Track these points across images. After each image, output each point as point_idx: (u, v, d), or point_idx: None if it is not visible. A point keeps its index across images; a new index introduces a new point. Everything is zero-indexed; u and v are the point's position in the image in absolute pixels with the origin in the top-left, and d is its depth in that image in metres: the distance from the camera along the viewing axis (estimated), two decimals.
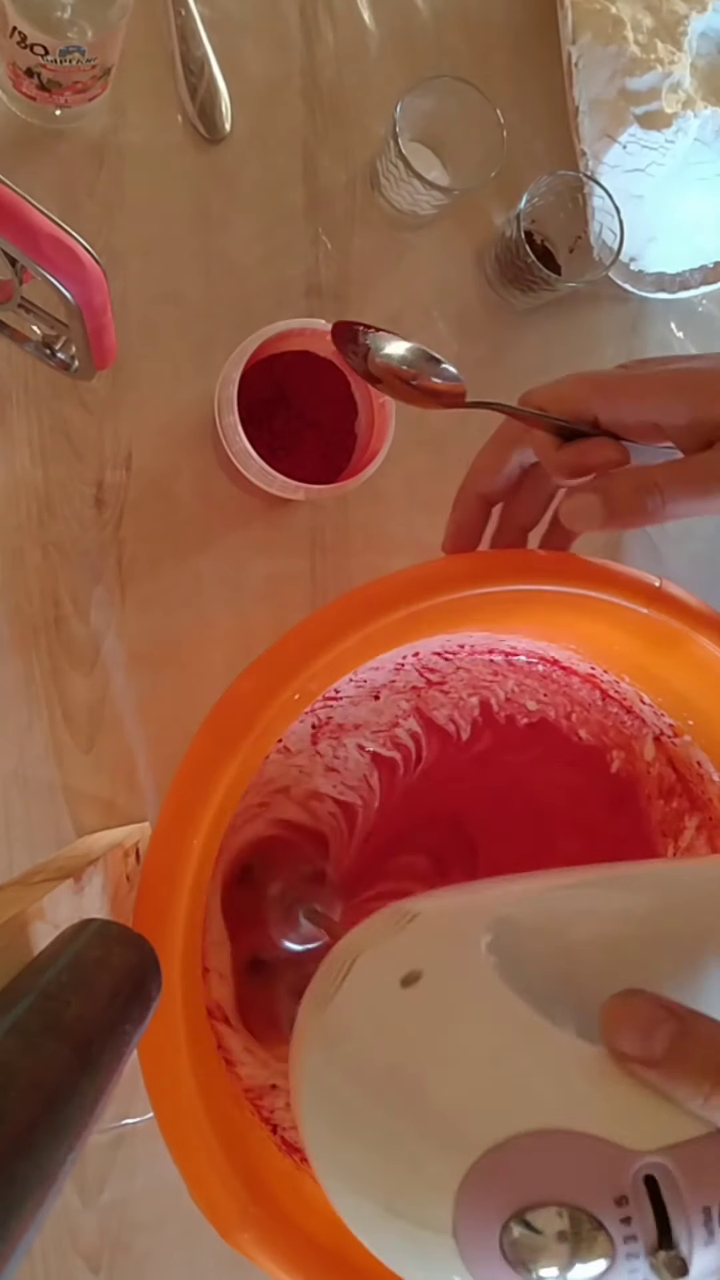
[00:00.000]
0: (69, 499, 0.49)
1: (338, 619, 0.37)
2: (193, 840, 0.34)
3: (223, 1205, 0.34)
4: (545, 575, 0.40)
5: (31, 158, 0.49)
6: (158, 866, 0.34)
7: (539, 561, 0.41)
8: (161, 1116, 0.34)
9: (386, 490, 0.53)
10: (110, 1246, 0.49)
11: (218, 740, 0.35)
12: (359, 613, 0.37)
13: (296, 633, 0.37)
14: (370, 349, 0.38)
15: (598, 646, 0.44)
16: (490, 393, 0.55)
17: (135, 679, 0.49)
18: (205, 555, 0.51)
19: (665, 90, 0.53)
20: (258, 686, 0.36)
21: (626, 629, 0.41)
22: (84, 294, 0.34)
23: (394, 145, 0.49)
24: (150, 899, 0.34)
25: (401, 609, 0.37)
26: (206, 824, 0.34)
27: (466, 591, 0.38)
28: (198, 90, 0.52)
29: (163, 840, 0.35)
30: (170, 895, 0.34)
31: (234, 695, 0.36)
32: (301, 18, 0.55)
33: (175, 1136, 0.34)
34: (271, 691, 0.35)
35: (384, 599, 0.37)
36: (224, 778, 0.35)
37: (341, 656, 0.36)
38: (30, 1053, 0.23)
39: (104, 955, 0.28)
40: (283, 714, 0.36)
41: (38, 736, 0.48)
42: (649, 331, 0.60)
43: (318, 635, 0.36)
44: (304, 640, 0.36)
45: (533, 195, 0.52)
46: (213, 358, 0.50)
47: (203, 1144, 0.34)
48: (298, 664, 0.36)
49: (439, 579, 0.38)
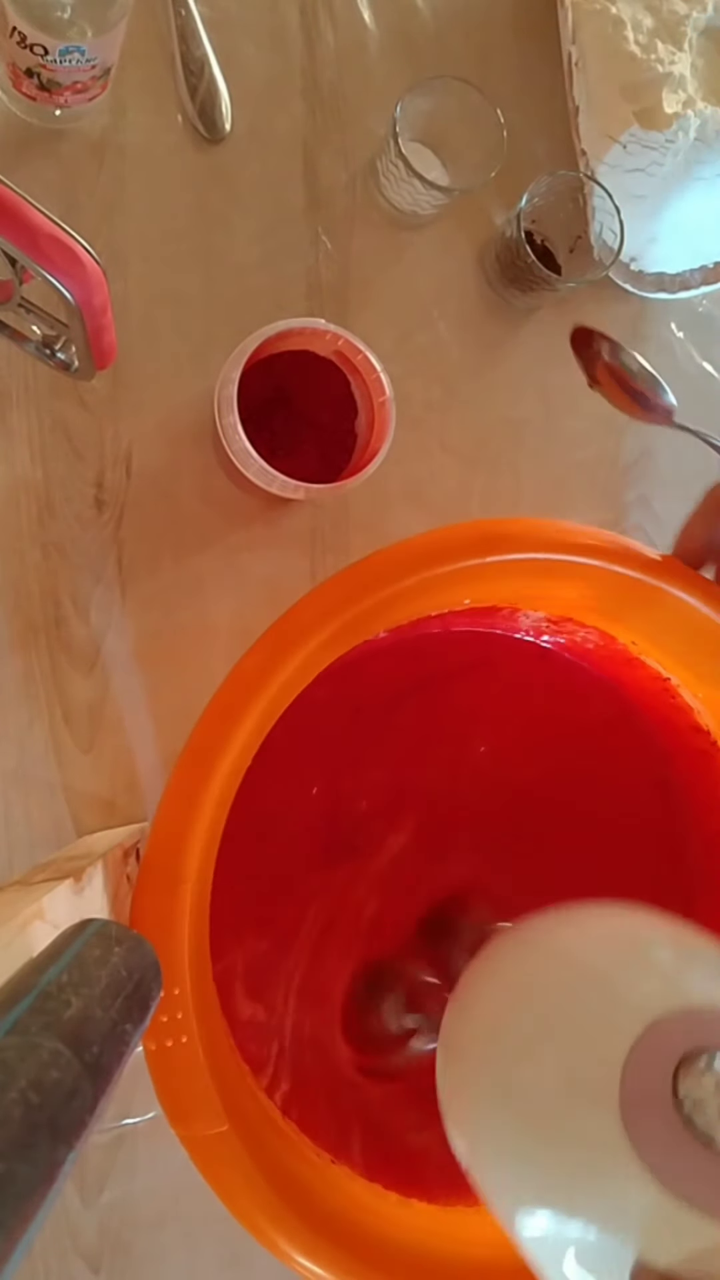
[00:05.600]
0: (69, 499, 0.49)
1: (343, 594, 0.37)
2: (195, 828, 0.34)
3: (252, 1210, 0.34)
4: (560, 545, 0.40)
5: (31, 158, 0.49)
6: (157, 858, 0.34)
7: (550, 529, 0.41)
8: (175, 1121, 0.34)
9: (386, 490, 0.53)
10: (110, 1246, 0.49)
11: (223, 717, 0.35)
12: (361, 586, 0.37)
13: (299, 608, 0.37)
14: (602, 356, 0.40)
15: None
16: (490, 394, 0.55)
17: (135, 679, 0.49)
18: (205, 555, 0.51)
19: (665, 90, 0.53)
20: (261, 664, 0.36)
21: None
22: (84, 294, 0.34)
23: (394, 145, 0.49)
24: (155, 868, 0.34)
25: (415, 574, 0.37)
26: (208, 812, 0.34)
27: (480, 559, 0.38)
28: (198, 90, 0.52)
29: (162, 832, 0.34)
30: (177, 864, 0.33)
31: (238, 674, 0.36)
32: (301, 18, 0.55)
33: (198, 1149, 0.34)
34: (274, 668, 0.35)
35: (399, 563, 0.37)
36: (223, 764, 0.34)
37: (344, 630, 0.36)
38: (30, 1053, 0.23)
39: (104, 955, 0.28)
40: (286, 690, 0.36)
41: (38, 736, 0.48)
42: (649, 332, 0.60)
43: (322, 611, 0.36)
44: (314, 610, 0.36)
45: (533, 195, 0.52)
46: (212, 358, 0.50)
47: (234, 1159, 0.34)
48: (303, 637, 0.36)
49: (454, 543, 0.38)
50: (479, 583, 0.40)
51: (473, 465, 0.56)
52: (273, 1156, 0.36)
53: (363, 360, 0.47)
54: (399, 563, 0.37)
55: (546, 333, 0.57)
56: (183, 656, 0.50)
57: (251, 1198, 0.34)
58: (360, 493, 0.48)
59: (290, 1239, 0.34)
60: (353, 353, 0.47)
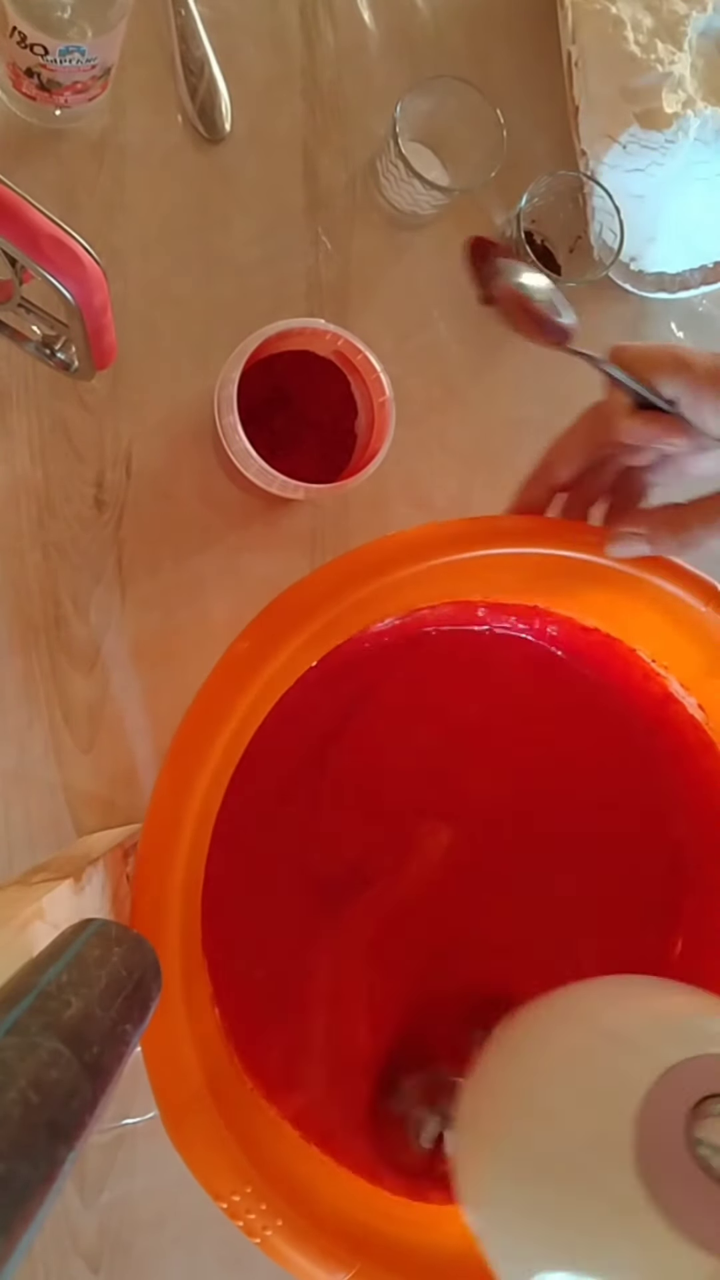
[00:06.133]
0: (69, 499, 0.49)
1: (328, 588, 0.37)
2: (185, 821, 0.34)
3: (241, 1204, 0.34)
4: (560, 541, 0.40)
5: (31, 158, 0.49)
6: (153, 850, 0.34)
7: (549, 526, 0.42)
8: (167, 1116, 0.34)
9: (386, 490, 0.53)
10: (110, 1246, 0.49)
11: (214, 701, 0.35)
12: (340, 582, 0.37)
13: (286, 597, 0.37)
14: (498, 269, 0.39)
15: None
16: (490, 394, 0.55)
17: (135, 679, 0.49)
18: (205, 555, 0.51)
19: (665, 90, 0.53)
20: (252, 649, 0.36)
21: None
22: (84, 294, 0.34)
23: (394, 145, 0.49)
24: (149, 860, 0.34)
25: (404, 567, 0.37)
26: (199, 800, 0.34)
27: (467, 554, 0.38)
28: (198, 90, 0.52)
29: (156, 823, 0.35)
30: (169, 853, 0.34)
31: (230, 658, 0.36)
32: (301, 18, 0.55)
33: (183, 1138, 0.34)
34: (265, 655, 0.36)
35: (385, 559, 0.37)
36: (218, 743, 0.35)
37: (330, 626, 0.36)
38: (30, 1053, 0.23)
39: (104, 955, 0.28)
40: (280, 676, 0.36)
41: (38, 736, 0.48)
42: (649, 332, 0.60)
43: (306, 606, 0.37)
44: (301, 600, 0.37)
45: (533, 195, 0.52)
46: (212, 358, 0.50)
47: (221, 1147, 0.34)
48: (294, 626, 0.36)
49: (442, 538, 0.38)
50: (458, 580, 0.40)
51: (473, 465, 0.56)
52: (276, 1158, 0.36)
53: (363, 360, 0.47)
54: (386, 557, 0.38)
55: None
56: (183, 656, 0.50)
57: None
58: (360, 493, 0.48)
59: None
60: (353, 353, 0.47)
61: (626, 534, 0.40)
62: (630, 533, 0.40)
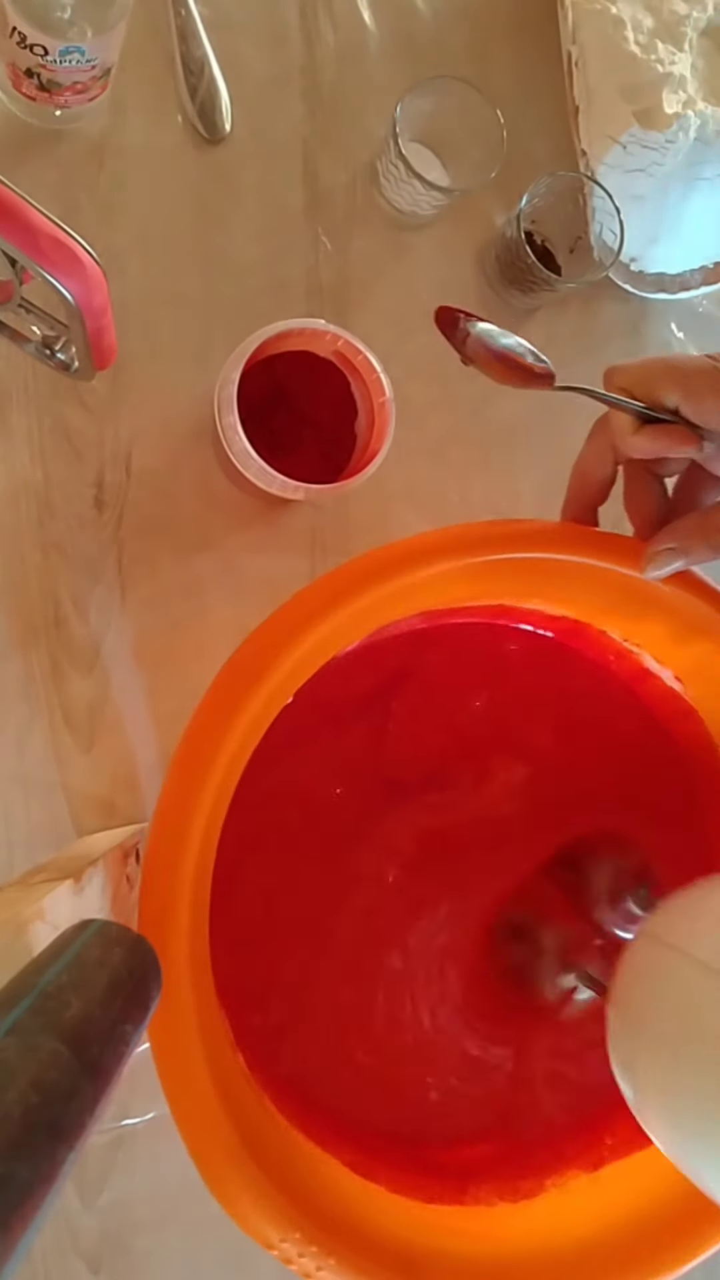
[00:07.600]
0: (69, 499, 0.49)
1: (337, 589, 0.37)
2: (196, 816, 0.34)
3: (291, 1249, 0.34)
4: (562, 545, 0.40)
5: (31, 158, 0.49)
6: (161, 848, 0.34)
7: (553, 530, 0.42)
8: (179, 1115, 0.33)
9: (386, 490, 0.53)
10: (110, 1247, 0.49)
11: (223, 700, 0.35)
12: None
13: (292, 604, 0.37)
14: (469, 333, 0.41)
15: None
16: (490, 394, 0.55)
17: (135, 679, 0.49)
18: (205, 555, 0.51)
19: (665, 90, 0.53)
20: (260, 651, 0.36)
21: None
22: (84, 294, 0.34)
23: (394, 145, 0.49)
24: (156, 860, 0.34)
25: (411, 572, 0.37)
26: (209, 798, 0.34)
27: (475, 558, 0.38)
28: (198, 90, 0.52)
29: (165, 818, 0.34)
30: (176, 856, 0.34)
31: (235, 662, 0.36)
32: (301, 18, 0.55)
33: (227, 1196, 0.33)
34: (274, 658, 0.35)
35: (392, 562, 0.37)
36: (228, 746, 0.35)
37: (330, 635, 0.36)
38: (30, 1053, 0.23)
39: (104, 955, 0.28)
40: (289, 679, 0.36)
41: (38, 736, 0.48)
42: (650, 332, 0.60)
43: (311, 609, 0.37)
44: (305, 607, 0.37)
45: (533, 195, 0.52)
46: (212, 358, 0.50)
47: (265, 1198, 0.34)
48: (301, 628, 0.36)
49: (453, 543, 0.38)
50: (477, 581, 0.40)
51: (473, 465, 0.56)
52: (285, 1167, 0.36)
53: (363, 361, 0.47)
54: (397, 559, 0.38)
55: (547, 333, 0.57)
56: (183, 657, 0.50)
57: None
58: (360, 493, 0.48)
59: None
60: (353, 353, 0.47)
61: (659, 552, 0.39)
62: (663, 550, 0.39)
